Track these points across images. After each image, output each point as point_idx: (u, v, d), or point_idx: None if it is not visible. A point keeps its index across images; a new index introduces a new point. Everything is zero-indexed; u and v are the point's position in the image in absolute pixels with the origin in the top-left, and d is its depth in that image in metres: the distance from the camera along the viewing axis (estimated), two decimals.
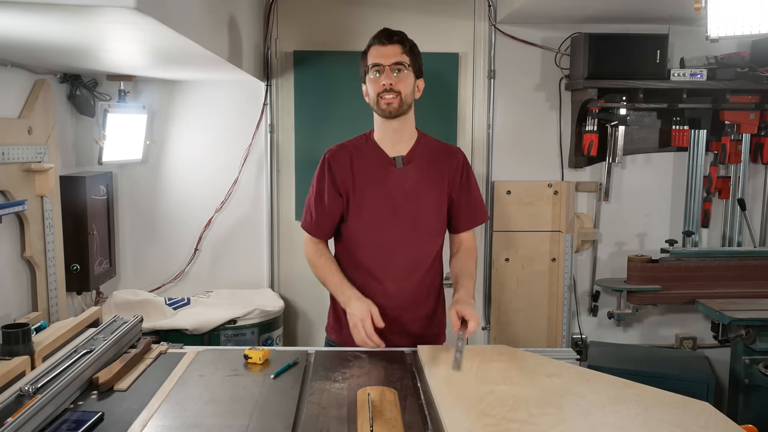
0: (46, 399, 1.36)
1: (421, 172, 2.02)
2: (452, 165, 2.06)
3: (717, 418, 1.38)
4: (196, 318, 2.78)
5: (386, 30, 1.99)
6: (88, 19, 1.40)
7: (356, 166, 2.02)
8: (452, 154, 2.08)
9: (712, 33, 2.03)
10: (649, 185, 3.26)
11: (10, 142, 2.19)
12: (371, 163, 2.02)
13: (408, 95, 1.96)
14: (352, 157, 2.03)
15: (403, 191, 2.01)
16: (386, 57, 1.94)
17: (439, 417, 1.39)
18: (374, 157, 2.03)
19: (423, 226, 2.03)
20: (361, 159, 2.03)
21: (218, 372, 1.67)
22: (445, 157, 2.06)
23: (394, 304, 1.99)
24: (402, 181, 2.01)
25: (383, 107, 1.95)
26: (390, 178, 2.01)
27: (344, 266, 2.05)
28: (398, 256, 2.00)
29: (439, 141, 2.12)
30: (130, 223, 3.15)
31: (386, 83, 1.92)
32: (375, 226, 2.00)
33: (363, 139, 2.08)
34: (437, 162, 2.05)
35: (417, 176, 2.02)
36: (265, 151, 3.14)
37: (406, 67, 1.95)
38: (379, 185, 2.01)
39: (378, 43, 1.96)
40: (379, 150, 2.03)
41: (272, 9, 3.06)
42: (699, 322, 3.30)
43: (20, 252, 2.32)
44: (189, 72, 2.72)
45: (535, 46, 3.13)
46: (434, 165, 2.04)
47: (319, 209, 2.03)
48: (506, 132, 3.19)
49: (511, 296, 3.25)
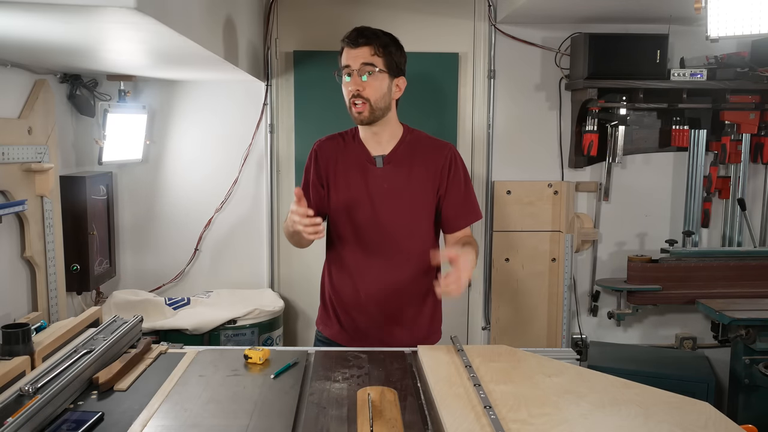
0: (46, 399, 1.36)
1: (402, 173, 1.95)
2: (438, 162, 1.96)
3: (717, 418, 1.38)
4: (196, 318, 2.79)
5: (355, 30, 1.89)
6: (88, 19, 1.40)
7: (339, 161, 1.98)
8: (439, 150, 1.98)
9: (712, 33, 2.03)
10: (649, 185, 3.26)
11: (10, 142, 2.19)
12: (353, 161, 1.98)
13: (378, 100, 1.87)
14: (337, 152, 2.00)
15: (382, 191, 1.95)
16: (354, 59, 1.85)
17: (439, 417, 1.39)
18: (357, 155, 1.98)
19: (404, 227, 1.96)
20: (345, 154, 1.99)
21: (218, 372, 1.67)
22: (432, 153, 1.97)
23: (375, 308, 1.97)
24: (380, 181, 1.95)
25: (355, 115, 1.90)
26: (369, 178, 1.96)
27: (334, 269, 2.03)
28: (379, 258, 1.96)
29: (430, 137, 2.02)
30: (130, 223, 3.15)
31: (352, 89, 1.86)
32: (355, 226, 1.97)
33: (350, 134, 2.03)
34: (423, 160, 1.96)
35: (397, 177, 1.95)
36: (265, 151, 3.15)
37: (379, 70, 1.86)
38: (358, 184, 1.96)
39: (347, 45, 1.88)
40: (362, 147, 1.98)
41: (272, 9, 3.06)
42: (699, 322, 3.30)
43: (20, 252, 2.32)
44: (189, 72, 2.71)
45: (535, 46, 3.13)
46: (419, 164, 1.96)
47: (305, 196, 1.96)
48: (506, 132, 3.19)
49: (511, 296, 3.25)
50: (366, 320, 2.00)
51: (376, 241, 1.96)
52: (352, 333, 2.03)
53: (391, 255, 1.97)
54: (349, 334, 2.03)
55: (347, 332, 2.03)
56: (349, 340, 2.02)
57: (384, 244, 1.96)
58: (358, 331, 2.02)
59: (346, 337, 2.03)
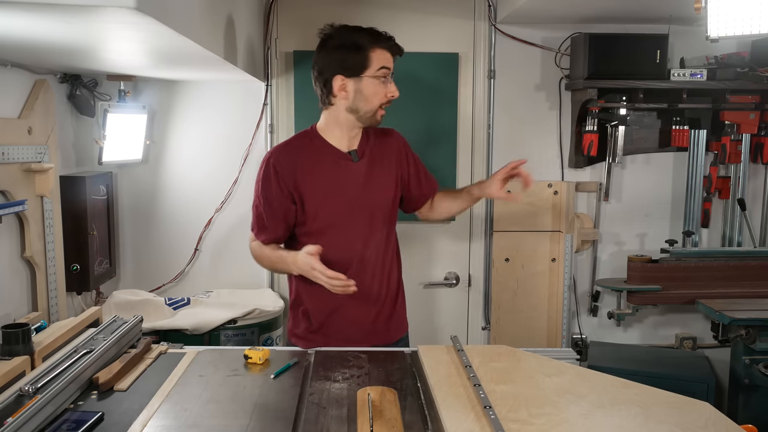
0: (46, 399, 1.36)
1: (374, 163, 2.01)
2: (397, 146, 2.09)
3: (717, 418, 1.38)
4: (196, 318, 2.78)
5: (387, 35, 1.96)
6: (88, 19, 1.40)
7: (307, 167, 1.96)
8: (391, 137, 2.11)
9: (712, 33, 2.03)
10: (649, 185, 3.26)
11: (10, 142, 2.19)
12: (323, 162, 1.98)
13: None
14: (300, 158, 1.97)
15: (359, 185, 1.98)
16: (391, 64, 1.93)
17: (439, 417, 1.39)
18: (325, 155, 1.98)
19: (383, 217, 2.04)
20: (310, 159, 1.97)
21: (218, 372, 1.67)
22: (386, 140, 2.08)
23: (358, 301, 1.98)
24: (357, 175, 1.98)
25: (378, 118, 1.93)
26: (345, 174, 1.98)
27: None
28: (360, 252, 2.00)
29: (374, 128, 2.08)
30: (130, 223, 3.15)
31: (397, 95, 1.92)
32: (334, 224, 1.98)
33: (306, 138, 2.02)
34: (382, 148, 2.05)
35: (372, 168, 2.01)
36: (265, 151, 3.13)
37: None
38: (334, 182, 1.97)
39: (389, 51, 1.93)
40: (328, 146, 1.99)
41: (272, 9, 3.05)
42: (699, 322, 3.30)
43: (20, 252, 2.32)
44: (188, 72, 2.71)
45: (535, 46, 3.13)
46: (381, 152, 2.04)
47: (270, 216, 1.97)
48: (506, 132, 3.19)
49: (511, 296, 3.25)
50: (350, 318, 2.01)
51: (358, 234, 2.00)
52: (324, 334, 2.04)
53: (374, 246, 2.03)
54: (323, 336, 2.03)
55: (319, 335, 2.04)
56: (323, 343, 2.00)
57: (367, 237, 2.01)
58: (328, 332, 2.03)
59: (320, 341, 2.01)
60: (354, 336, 2.01)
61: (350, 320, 2.03)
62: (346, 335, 2.01)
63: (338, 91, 1.95)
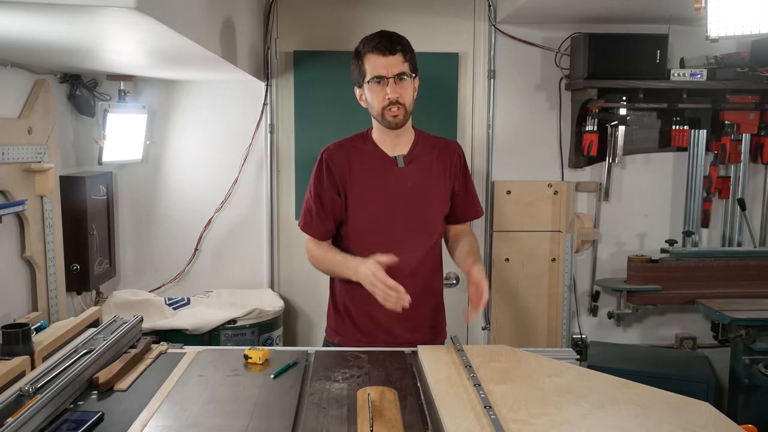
0: (46, 399, 1.36)
1: (423, 170, 2.02)
2: (453, 158, 2.07)
3: (717, 418, 1.38)
4: (196, 318, 2.79)
5: (386, 38, 1.91)
6: (88, 19, 1.40)
7: (355, 166, 2.00)
8: (451, 148, 2.10)
9: (712, 33, 2.03)
10: (649, 185, 3.26)
11: (10, 142, 2.19)
12: (371, 163, 2.01)
13: (411, 104, 1.96)
14: (350, 156, 2.01)
15: (405, 190, 2.00)
16: (388, 68, 1.89)
17: (439, 417, 1.39)
18: (374, 157, 2.02)
19: (426, 224, 2.04)
20: (360, 158, 2.02)
21: (218, 372, 1.67)
22: (445, 151, 2.07)
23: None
24: (404, 180, 2.00)
25: (389, 120, 1.92)
26: (391, 178, 2.00)
27: None
28: (400, 256, 1.96)
29: (437, 136, 2.12)
30: (130, 223, 3.15)
31: (392, 97, 1.89)
32: (375, 226, 2.00)
33: (361, 139, 2.06)
34: (438, 157, 2.05)
35: (419, 174, 2.01)
36: (265, 151, 3.14)
37: (408, 75, 1.92)
38: (379, 185, 2.00)
39: (378, 53, 1.89)
40: (378, 150, 2.02)
41: (272, 9, 3.05)
42: (699, 322, 3.30)
43: (20, 252, 2.32)
44: (188, 72, 2.71)
45: (535, 46, 3.13)
46: (436, 161, 2.04)
47: (320, 210, 2.01)
48: (506, 132, 3.19)
49: (511, 296, 3.25)
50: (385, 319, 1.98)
51: (398, 239, 1.99)
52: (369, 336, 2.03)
53: (413, 251, 2.01)
54: (367, 337, 2.04)
55: (364, 335, 2.04)
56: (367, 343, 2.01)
57: (406, 242, 2.00)
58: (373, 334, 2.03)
59: (364, 341, 2.03)
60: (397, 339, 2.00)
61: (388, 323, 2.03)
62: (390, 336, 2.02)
63: (360, 100, 2.02)
